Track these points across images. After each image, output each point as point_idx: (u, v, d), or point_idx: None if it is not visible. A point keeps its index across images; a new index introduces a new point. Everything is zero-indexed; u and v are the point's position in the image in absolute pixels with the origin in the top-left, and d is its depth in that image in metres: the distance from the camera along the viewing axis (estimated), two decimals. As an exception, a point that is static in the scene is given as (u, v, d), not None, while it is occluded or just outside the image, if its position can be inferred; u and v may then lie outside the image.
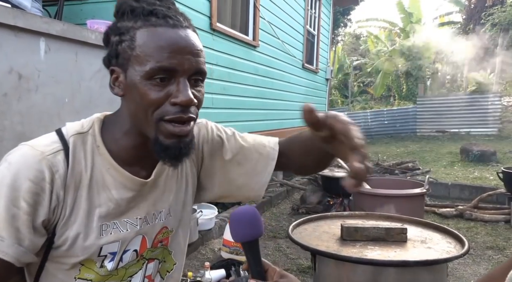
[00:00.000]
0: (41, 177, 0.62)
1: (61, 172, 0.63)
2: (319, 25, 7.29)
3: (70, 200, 0.65)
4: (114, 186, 0.68)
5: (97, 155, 0.68)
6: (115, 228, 0.69)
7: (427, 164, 7.07)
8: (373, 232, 1.52)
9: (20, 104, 1.68)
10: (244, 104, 4.46)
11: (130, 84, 0.63)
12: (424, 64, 14.39)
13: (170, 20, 0.63)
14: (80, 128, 0.68)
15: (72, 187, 0.65)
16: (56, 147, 0.65)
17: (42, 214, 0.63)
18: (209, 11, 3.61)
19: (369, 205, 2.85)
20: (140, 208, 0.71)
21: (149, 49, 0.61)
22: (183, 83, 0.62)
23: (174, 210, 0.78)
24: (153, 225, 0.74)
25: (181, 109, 0.62)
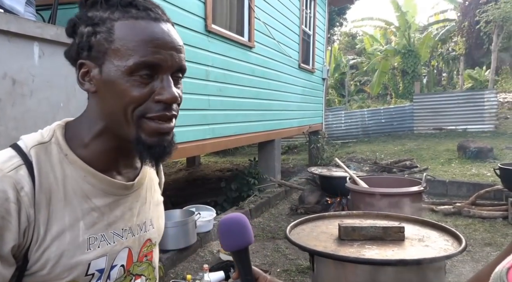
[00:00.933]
0: (4, 197, 0.54)
1: (27, 189, 0.56)
2: (314, 25, 7.30)
3: (43, 217, 0.58)
4: (94, 194, 0.63)
5: (67, 164, 0.61)
6: (102, 241, 0.64)
7: (425, 161, 7.09)
8: (371, 231, 1.52)
9: (14, 109, 1.67)
10: (241, 105, 4.46)
11: (107, 80, 0.58)
12: (420, 62, 14.44)
13: (152, 13, 0.59)
14: (41, 139, 0.62)
15: (43, 203, 0.58)
16: (16, 162, 0.57)
17: (10, 240, 0.55)
18: (204, 12, 3.61)
19: (367, 204, 2.85)
20: (125, 218, 0.67)
21: (131, 43, 0.57)
22: (167, 80, 0.59)
23: (155, 222, 0.75)
24: (138, 236, 0.70)
25: (164, 106, 0.59)
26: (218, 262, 2.77)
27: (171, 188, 5.99)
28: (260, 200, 4.41)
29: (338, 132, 10.93)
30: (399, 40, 14.73)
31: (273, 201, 4.68)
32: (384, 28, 16.76)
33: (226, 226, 0.74)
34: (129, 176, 0.69)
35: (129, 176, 0.69)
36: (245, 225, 0.75)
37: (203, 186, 6.19)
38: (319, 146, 7.41)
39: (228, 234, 0.73)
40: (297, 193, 5.14)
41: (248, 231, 0.74)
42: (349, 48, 21.98)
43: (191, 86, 3.44)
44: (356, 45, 20.34)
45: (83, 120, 0.65)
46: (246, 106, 4.58)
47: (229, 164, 8.70)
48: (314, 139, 7.47)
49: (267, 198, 4.55)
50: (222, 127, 4.03)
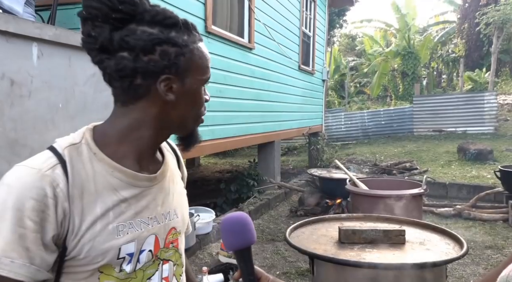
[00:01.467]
0: (43, 194, 0.63)
1: (62, 186, 0.65)
2: (314, 26, 7.30)
3: (77, 210, 0.67)
4: (122, 187, 0.71)
5: (96, 162, 0.70)
6: (131, 228, 0.72)
7: (425, 163, 7.08)
8: (371, 235, 1.51)
9: (12, 110, 1.66)
10: (241, 106, 4.45)
11: (189, 90, 0.73)
12: (420, 64, 14.44)
13: (198, 35, 0.75)
14: (72, 140, 0.71)
15: (76, 197, 0.67)
16: (52, 162, 0.67)
17: (50, 230, 0.64)
18: (204, 14, 3.61)
19: (367, 206, 2.84)
20: (150, 208, 0.75)
21: (205, 61, 0.74)
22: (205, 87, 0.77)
23: (179, 212, 0.83)
24: (163, 225, 0.78)
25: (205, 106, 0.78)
26: (217, 264, 2.76)
27: (170, 189, 5.96)
28: (260, 202, 4.40)
29: (338, 133, 10.93)
30: (399, 42, 14.73)
31: (272, 203, 4.67)
32: (384, 30, 16.78)
33: (228, 225, 0.74)
34: (152, 169, 0.78)
35: (152, 169, 0.78)
36: (248, 224, 0.74)
37: (203, 187, 6.17)
38: (319, 147, 7.40)
39: (231, 233, 0.73)
40: (297, 195, 5.12)
41: (251, 231, 0.74)
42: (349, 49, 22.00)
43: (191, 88, 3.42)
44: (356, 46, 20.36)
45: (119, 123, 0.74)
46: (246, 107, 4.57)
47: (228, 165, 8.69)
48: (314, 141, 7.46)
49: (266, 199, 4.54)
50: (221, 128, 4.02)
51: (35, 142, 1.75)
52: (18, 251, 0.61)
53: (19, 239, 0.61)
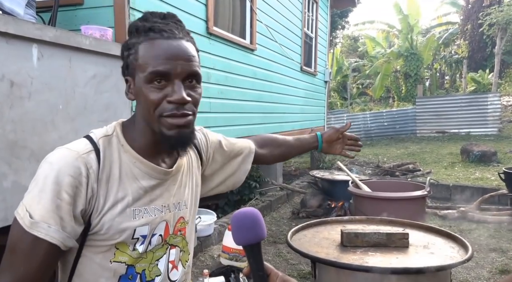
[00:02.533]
0: (78, 172, 0.73)
1: (94, 168, 0.75)
2: (316, 27, 7.28)
3: (103, 191, 0.76)
4: (142, 176, 0.80)
5: (123, 152, 0.80)
6: (146, 213, 0.80)
7: (428, 165, 7.04)
8: (374, 238, 1.49)
9: (12, 112, 1.65)
10: (242, 108, 4.43)
11: (138, 89, 0.77)
12: (423, 65, 14.39)
13: (165, 33, 0.76)
14: (106, 132, 0.81)
15: (104, 180, 0.76)
16: (89, 148, 0.77)
17: (80, 204, 0.74)
18: (205, 15, 3.60)
19: (370, 208, 2.81)
20: (164, 197, 0.84)
21: (147, 58, 0.74)
22: (177, 85, 0.74)
23: (188, 203, 0.91)
24: (173, 213, 0.86)
25: (175, 106, 0.74)
26: (219, 267, 2.74)
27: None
28: (262, 204, 4.38)
29: (340, 135, 10.88)
30: (402, 43, 14.70)
31: (274, 205, 4.65)
32: (387, 31, 16.74)
33: (239, 219, 0.74)
34: (169, 162, 0.86)
35: (169, 163, 0.86)
36: (259, 219, 0.74)
37: (205, 189, 6.16)
38: (321, 148, 7.36)
39: (241, 228, 0.73)
40: (299, 197, 5.10)
41: (261, 226, 0.74)
42: (351, 51, 21.98)
43: (193, 89, 3.41)
44: (358, 48, 20.33)
45: (133, 121, 0.83)
46: (247, 109, 4.56)
47: (230, 166, 8.67)
48: (316, 142, 7.42)
49: (268, 201, 4.52)
50: (223, 130, 4.00)
51: (35, 143, 1.74)
52: (55, 218, 0.70)
53: (56, 208, 0.70)
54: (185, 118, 0.76)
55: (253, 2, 4.54)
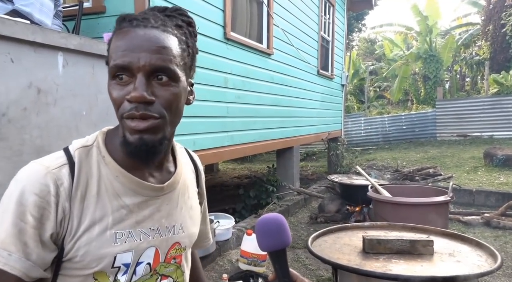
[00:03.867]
0: (46, 191, 0.63)
1: (66, 185, 0.64)
2: (333, 31, 7.24)
3: (77, 211, 0.65)
4: (125, 193, 0.69)
5: (103, 165, 0.69)
6: (129, 237, 0.68)
7: (449, 169, 6.86)
8: (397, 245, 1.45)
9: (39, 118, 1.70)
10: (259, 112, 4.44)
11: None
12: (442, 67, 14.09)
13: (135, 22, 0.64)
14: (85, 143, 0.71)
15: (78, 198, 0.65)
16: (61, 161, 0.66)
17: (49, 228, 0.63)
18: (223, 20, 3.63)
19: (390, 214, 2.76)
20: (153, 219, 0.72)
21: (111, 51, 0.64)
22: (139, 80, 0.62)
23: (186, 227, 0.78)
24: (166, 238, 0.74)
25: (134, 106, 0.62)
26: (237, 271, 2.73)
27: (189, 194, 5.99)
28: (279, 208, 4.36)
29: (357, 139, 10.76)
30: (420, 45, 14.43)
31: (292, 209, 4.62)
32: (405, 33, 16.48)
33: (265, 225, 0.73)
34: (161, 179, 0.74)
35: (162, 179, 0.74)
36: (284, 225, 0.73)
37: (221, 193, 6.18)
38: (338, 153, 7.29)
39: (267, 234, 0.72)
40: (316, 201, 5.05)
41: (287, 232, 0.73)
42: (368, 54, 21.74)
43: (210, 94, 3.45)
44: (375, 50, 20.08)
45: (118, 127, 0.72)
46: (264, 113, 4.56)
47: (247, 170, 8.68)
48: (333, 146, 7.36)
49: (286, 206, 4.49)
50: (240, 134, 4.01)
51: (60, 148, 1.78)
52: (16, 245, 0.60)
53: (19, 233, 0.61)
54: (146, 122, 0.63)
55: (270, 7, 4.56)
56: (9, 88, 1.58)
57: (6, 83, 1.58)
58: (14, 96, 1.61)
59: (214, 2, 3.45)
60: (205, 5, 3.31)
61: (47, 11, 1.83)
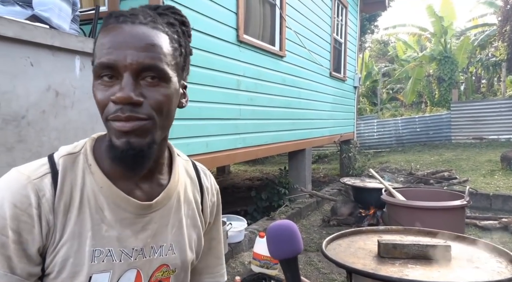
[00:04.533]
0: (27, 203, 0.58)
1: (48, 196, 0.60)
2: (346, 32, 7.20)
3: (60, 223, 0.60)
4: (107, 207, 0.63)
5: (89, 174, 0.63)
6: (108, 256, 0.62)
7: (464, 173, 6.73)
8: (414, 249, 1.43)
9: (57, 120, 1.74)
10: (272, 114, 4.44)
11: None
12: (457, 69, 13.84)
13: (121, 18, 0.59)
14: (72, 150, 0.65)
15: (61, 210, 0.60)
16: (43, 170, 0.61)
17: (35, 242, 0.58)
18: (236, 23, 3.65)
19: (405, 218, 2.72)
20: (138, 238, 0.65)
21: (96, 49, 0.60)
22: (126, 79, 0.57)
23: (178, 247, 0.71)
24: (150, 259, 0.67)
25: (119, 107, 0.57)
26: (250, 274, 2.73)
27: (201, 196, 6.02)
28: (291, 211, 4.34)
29: (370, 141, 10.65)
30: (435, 46, 14.22)
31: (304, 212, 4.59)
32: (418, 35, 16.27)
33: (276, 232, 0.71)
34: (151, 193, 0.67)
35: (151, 193, 0.67)
36: (296, 232, 0.72)
37: (233, 195, 6.19)
38: (350, 155, 7.23)
39: (278, 241, 0.70)
40: (329, 204, 5.01)
41: (299, 239, 0.71)
42: (380, 55, 21.53)
43: (223, 96, 3.46)
44: (388, 52, 19.88)
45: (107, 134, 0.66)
46: (277, 115, 4.56)
47: (258, 172, 8.67)
48: (346, 149, 7.30)
49: (298, 208, 4.47)
50: (253, 136, 4.02)
51: (77, 150, 1.82)
52: (0, 259, 0.56)
53: (1, 247, 0.56)
54: (133, 123, 0.58)
55: (282, 9, 4.56)
56: (28, 91, 1.62)
57: (26, 86, 1.61)
58: (33, 99, 1.65)
59: (227, 5, 3.47)
60: (218, 8, 3.33)
61: (65, 16, 1.87)
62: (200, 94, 3.11)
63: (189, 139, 2.98)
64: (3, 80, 1.54)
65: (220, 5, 3.36)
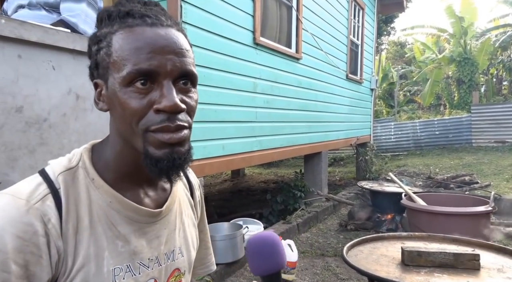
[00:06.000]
0: (32, 231, 0.52)
1: (54, 220, 0.54)
2: (362, 34, 7.11)
3: (71, 248, 0.55)
4: (119, 221, 0.59)
5: (93, 190, 0.59)
6: (128, 272, 0.59)
7: (486, 177, 6.53)
8: (440, 258, 1.38)
9: (77, 123, 1.76)
10: (288, 117, 4.40)
11: (112, 95, 0.56)
12: (478, 71, 13.50)
13: (148, 19, 0.56)
14: (68, 164, 0.59)
15: (70, 233, 0.55)
16: (42, 191, 0.55)
17: (43, 274, 0.53)
18: (253, 26, 3.64)
19: (426, 224, 2.64)
20: (152, 247, 0.63)
21: (125, 52, 0.54)
22: (167, 86, 0.54)
23: (185, 249, 0.70)
24: (165, 266, 0.66)
25: (166, 117, 0.54)
26: (266, 278, 2.70)
27: (216, 198, 6.04)
28: (308, 214, 4.29)
29: (387, 144, 10.47)
30: (454, 47, 13.91)
31: (321, 216, 4.53)
32: (437, 36, 15.95)
33: (256, 246, 0.67)
34: (157, 199, 0.66)
35: (157, 200, 0.66)
36: (278, 245, 0.68)
37: (248, 197, 6.17)
38: (367, 158, 7.12)
39: (258, 255, 0.66)
40: (345, 208, 4.94)
41: (281, 253, 0.67)
42: (397, 57, 21.22)
43: (240, 99, 3.46)
44: (405, 54, 19.57)
45: (108, 142, 0.62)
46: (293, 118, 4.52)
47: (273, 175, 8.63)
48: (362, 152, 7.19)
49: (314, 212, 4.42)
50: (269, 139, 3.99)
51: (96, 152, 1.84)
52: None
53: None
54: (181, 133, 0.55)
55: (299, 11, 4.53)
56: (50, 94, 1.64)
57: (48, 89, 1.64)
58: (55, 102, 1.67)
59: (244, 7, 3.47)
60: (235, 11, 3.33)
61: (90, 22, 1.90)
62: (216, 97, 3.11)
63: (206, 142, 2.97)
64: (26, 83, 1.57)
65: (237, 7, 3.36)
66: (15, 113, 1.55)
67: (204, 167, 2.92)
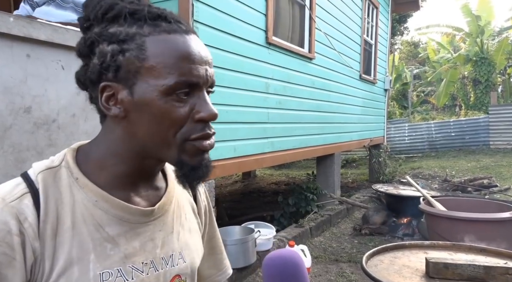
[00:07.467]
0: (5, 230, 0.48)
1: (31, 219, 0.51)
2: (376, 34, 6.98)
3: (49, 251, 0.51)
4: (107, 221, 0.56)
5: (77, 189, 0.56)
6: (119, 277, 0.55)
7: (505, 180, 6.32)
8: (469, 270, 1.28)
9: (86, 124, 1.71)
10: (300, 118, 4.32)
11: (142, 103, 0.53)
12: (495, 70, 13.16)
13: (182, 26, 0.55)
14: (50, 164, 0.57)
15: (49, 234, 0.52)
16: (21, 190, 0.53)
17: (16, 278, 0.49)
18: (265, 25, 3.57)
19: (447, 230, 2.52)
20: (146, 250, 0.59)
21: (167, 59, 0.52)
22: (204, 96, 0.56)
23: (187, 254, 0.66)
24: (163, 272, 0.61)
25: (205, 125, 0.56)
26: (279, 284, 2.62)
27: (227, 200, 5.98)
28: (321, 218, 4.19)
29: (401, 146, 10.28)
30: (470, 47, 13.59)
31: (334, 219, 4.43)
32: (452, 35, 15.62)
33: (277, 268, 0.59)
34: (150, 199, 0.62)
35: (150, 199, 0.62)
36: (300, 270, 0.60)
37: (259, 199, 6.10)
38: (381, 160, 6.97)
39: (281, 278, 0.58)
40: (359, 211, 4.82)
41: (305, 272, 0.60)
42: (410, 57, 20.90)
43: (252, 99, 3.39)
44: (418, 54, 19.24)
45: (101, 143, 0.59)
46: (305, 119, 4.43)
47: (284, 177, 8.54)
48: (376, 154, 7.05)
49: (327, 215, 4.32)
50: (281, 140, 3.92)
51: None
52: None
53: None
54: (213, 140, 0.58)
55: (312, 10, 4.45)
56: (59, 95, 1.60)
57: (57, 90, 1.59)
58: (64, 103, 1.62)
59: (256, 6, 3.41)
60: (247, 10, 3.27)
61: None
62: (228, 98, 3.05)
63: (217, 144, 2.91)
64: (35, 83, 1.53)
65: (250, 6, 3.30)
66: (23, 113, 1.51)
67: (215, 168, 2.84)
